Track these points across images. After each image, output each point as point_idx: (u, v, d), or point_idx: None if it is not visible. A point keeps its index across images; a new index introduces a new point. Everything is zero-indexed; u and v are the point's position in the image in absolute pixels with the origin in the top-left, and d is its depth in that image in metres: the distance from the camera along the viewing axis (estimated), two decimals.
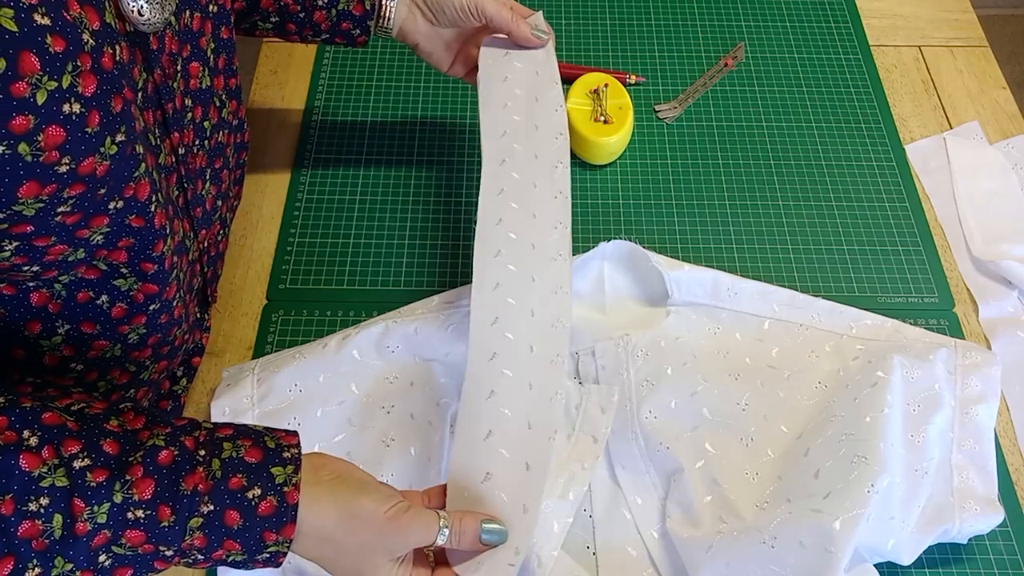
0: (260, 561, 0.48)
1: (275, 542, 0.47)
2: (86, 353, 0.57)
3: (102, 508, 0.43)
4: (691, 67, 0.94)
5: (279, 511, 0.47)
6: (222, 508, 0.46)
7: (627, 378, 0.68)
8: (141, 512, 0.44)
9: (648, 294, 0.74)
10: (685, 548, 0.61)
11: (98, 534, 0.44)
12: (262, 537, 0.47)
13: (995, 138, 0.88)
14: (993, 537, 0.65)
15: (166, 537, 0.45)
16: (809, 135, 0.88)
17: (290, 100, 0.90)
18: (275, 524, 0.47)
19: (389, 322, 0.69)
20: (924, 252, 0.80)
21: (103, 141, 0.45)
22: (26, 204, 0.43)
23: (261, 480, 0.47)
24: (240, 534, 0.46)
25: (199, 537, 0.46)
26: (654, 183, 0.84)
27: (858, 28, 0.97)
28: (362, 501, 0.49)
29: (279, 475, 0.47)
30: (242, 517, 0.46)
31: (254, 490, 0.46)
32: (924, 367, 0.67)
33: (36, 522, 0.42)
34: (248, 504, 0.46)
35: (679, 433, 0.66)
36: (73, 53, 0.41)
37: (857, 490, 0.58)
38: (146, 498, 0.44)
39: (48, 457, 0.43)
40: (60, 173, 0.43)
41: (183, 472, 0.46)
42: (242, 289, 0.77)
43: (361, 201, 0.82)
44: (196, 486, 0.45)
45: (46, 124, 0.41)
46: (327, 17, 0.71)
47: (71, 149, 0.43)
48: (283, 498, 0.47)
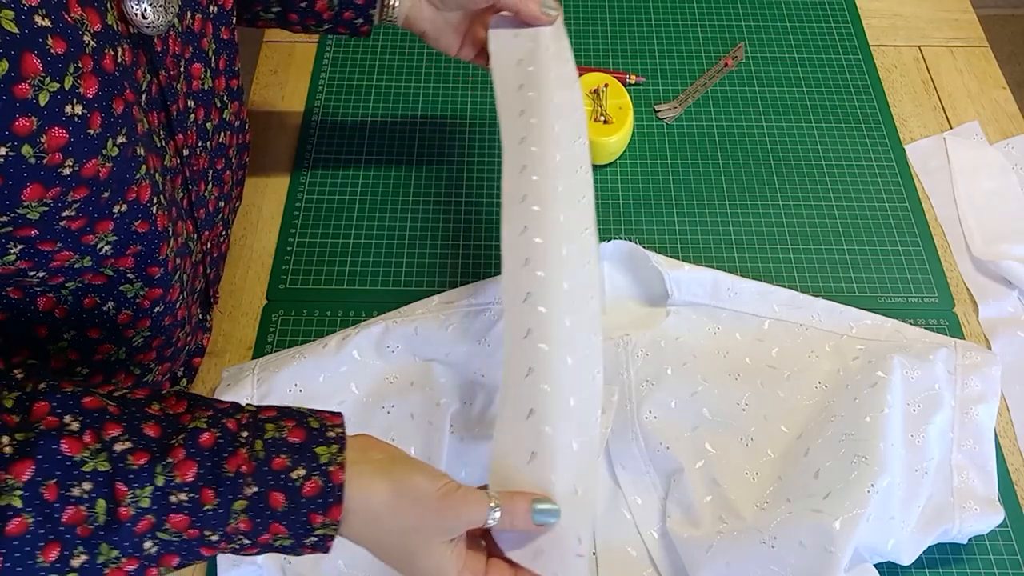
0: (308, 546, 0.46)
1: (322, 524, 0.46)
2: (91, 357, 0.57)
3: (145, 492, 0.43)
4: (691, 67, 0.94)
5: (324, 491, 0.45)
6: (266, 489, 0.45)
7: (627, 378, 0.68)
8: (184, 495, 0.43)
9: (648, 294, 0.74)
10: (685, 548, 0.61)
11: (142, 519, 0.43)
12: (308, 519, 0.45)
13: (995, 138, 0.88)
14: (993, 537, 0.65)
15: (210, 521, 0.44)
16: (809, 135, 0.88)
17: (290, 100, 0.90)
18: (321, 506, 0.45)
19: (389, 322, 0.69)
20: (924, 252, 0.80)
21: (105, 143, 0.45)
22: (30, 207, 0.43)
23: (305, 460, 0.45)
24: (286, 516, 0.45)
25: (244, 520, 0.44)
26: (654, 183, 0.84)
27: (858, 28, 0.97)
28: (415, 478, 0.48)
29: (323, 455, 0.46)
30: (287, 499, 0.45)
31: (298, 470, 0.45)
32: (924, 367, 0.67)
33: (80, 508, 0.42)
34: (293, 485, 0.45)
35: (679, 433, 0.66)
36: (74, 55, 0.41)
37: (857, 490, 0.59)
38: (189, 480, 0.43)
39: (90, 442, 0.43)
40: (64, 176, 0.43)
41: (226, 454, 0.45)
42: (242, 289, 0.77)
43: (361, 201, 0.82)
44: (239, 467, 0.44)
45: (49, 126, 0.41)
46: (329, 6, 0.69)
47: (74, 151, 0.43)
48: (328, 478, 0.45)
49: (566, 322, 0.57)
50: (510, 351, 0.56)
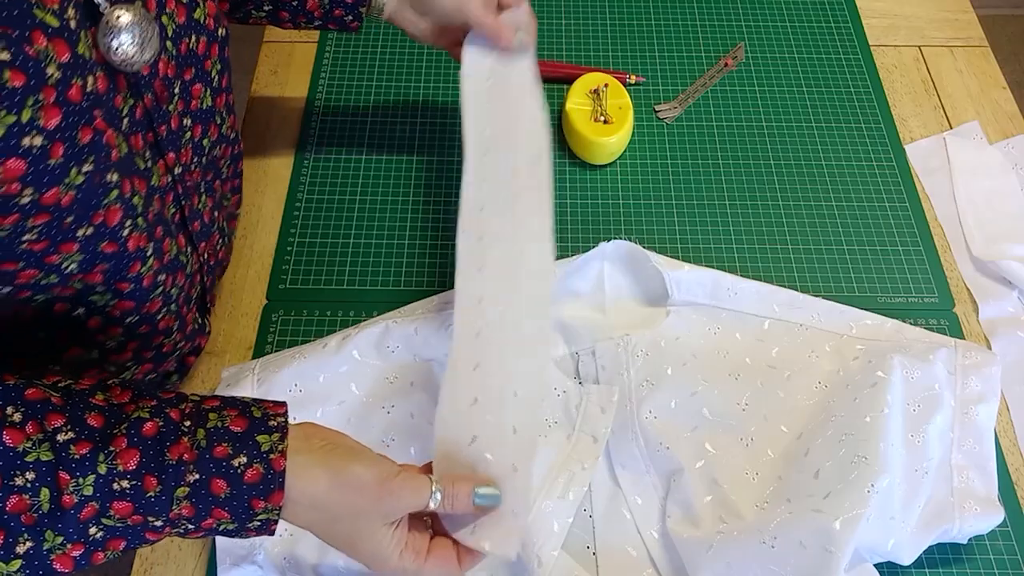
0: (252, 529, 0.48)
1: (264, 510, 0.47)
2: (63, 354, 0.57)
3: (87, 480, 0.43)
4: (691, 67, 0.94)
5: (266, 478, 0.46)
6: (208, 477, 0.45)
7: (627, 378, 0.68)
8: (127, 483, 0.44)
9: (648, 294, 0.74)
10: (685, 548, 0.61)
11: (86, 506, 0.43)
12: (250, 505, 0.46)
13: (995, 138, 0.88)
14: (993, 537, 0.65)
15: (153, 507, 0.45)
16: (809, 135, 0.88)
17: (290, 100, 0.90)
18: (262, 492, 0.46)
19: (389, 322, 0.69)
20: (924, 252, 0.80)
21: (68, 172, 0.44)
22: None
23: (247, 448, 0.46)
24: (228, 502, 0.46)
25: (187, 507, 0.45)
26: (654, 183, 0.84)
27: (858, 28, 0.97)
28: (353, 467, 0.49)
29: (265, 443, 0.47)
30: (229, 485, 0.46)
31: (240, 458, 0.46)
32: (924, 367, 0.67)
33: (24, 496, 0.42)
34: (234, 472, 0.46)
35: (679, 433, 0.66)
36: (35, 87, 0.41)
37: (857, 490, 0.58)
38: (131, 468, 0.44)
39: (32, 432, 0.43)
40: (22, 204, 0.43)
41: (168, 442, 0.45)
42: (242, 289, 0.77)
43: (361, 201, 0.82)
44: (181, 455, 0.45)
45: (5, 157, 0.41)
46: (320, 4, 0.71)
47: (33, 181, 0.43)
48: (269, 465, 0.46)
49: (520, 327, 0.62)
50: (457, 346, 0.60)
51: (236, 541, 0.61)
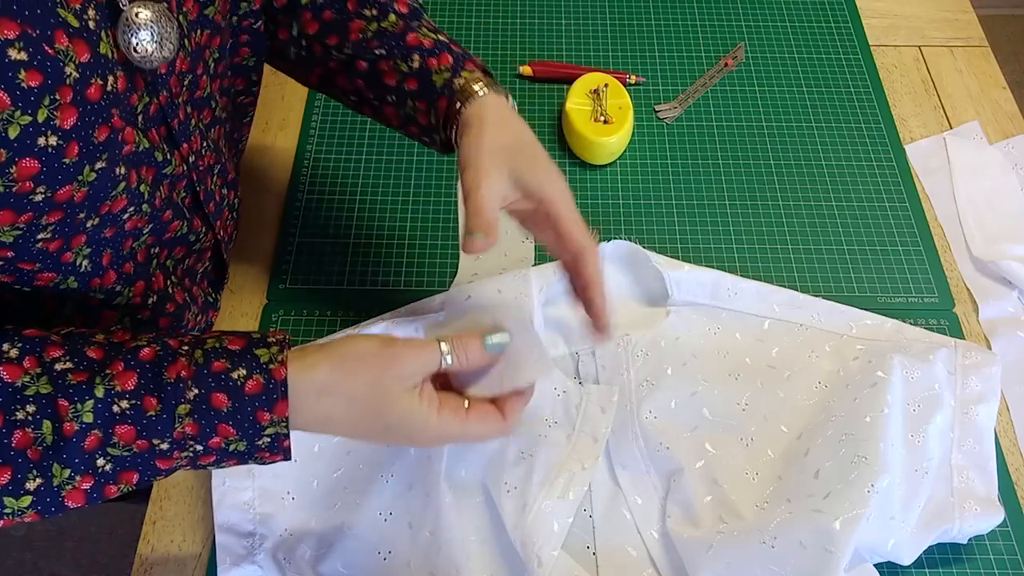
0: (264, 449, 0.47)
1: (271, 422, 0.46)
2: (95, 324, 0.58)
3: (86, 406, 0.43)
4: (691, 67, 0.94)
5: (267, 388, 0.45)
6: (207, 391, 0.45)
7: (627, 378, 0.68)
8: (126, 403, 0.44)
9: (648, 294, 0.74)
10: (685, 548, 0.61)
11: (88, 434, 0.43)
12: (256, 418, 0.46)
13: (995, 138, 0.88)
14: (993, 537, 0.65)
15: (155, 427, 0.44)
16: (809, 135, 0.88)
17: (290, 100, 0.90)
18: (266, 402, 0.45)
19: (389, 322, 0.69)
20: (924, 252, 0.80)
21: (81, 170, 0.45)
22: (3, 231, 0.44)
23: (245, 361, 0.46)
24: (231, 416, 0.45)
25: (189, 423, 0.45)
26: (654, 183, 0.84)
27: (858, 28, 0.97)
28: (350, 343, 0.48)
29: (263, 355, 0.46)
30: (230, 398, 0.45)
31: (239, 371, 0.45)
32: (924, 367, 0.67)
33: (27, 430, 0.42)
34: (234, 384, 0.45)
35: (679, 433, 0.66)
36: (51, 87, 0.41)
37: (857, 490, 0.59)
38: (129, 388, 0.44)
39: (30, 366, 0.43)
40: (36, 201, 0.44)
41: (166, 363, 0.45)
42: (242, 289, 0.77)
43: (361, 201, 0.82)
44: (179, 373, 0.45)
45: (19, 157, 0.41)
46: (397, 115, 0.63)
47: (46, 179, 0.43)
48: (270, 375, 0.46)
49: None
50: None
51: (236, 540, 0.61)
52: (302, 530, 0.62)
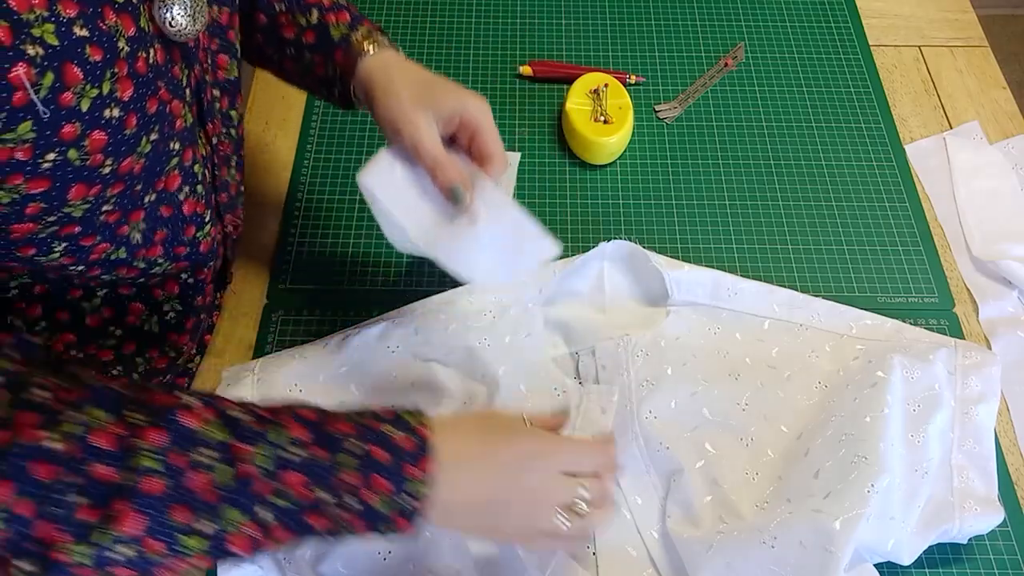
0: (403, 510, 0.47)
1: (414, 478, 0.46)
2: (124, 317, 0.60)
3: (260, 448, 0.44)
4: (691, 67, 0.94)
5: (417, 445, 0.47)
6: (367, 445, 0.46)
7: (627, 378, 0.68)
8: (297, 451, 0.45)
9: (648, 294, 0.74)
10: (685, 548, 0.61)
11: (260, 480, 0.44)
12: (403, 471, 0.46)
13: (995, 138, 0.88)
14: (993, 537, 0.65)
15: (322, 476, 0.45)
16: (809, 135, 0.88)
17: (290, 100, 0.90)
18: (413, 457, 0.47)
19: (389, 322, 0.69)
20: (924, 252, 0.80)
21: (140, 141, 0.47)
22: (75, 206, 0.46)
23: (395, 423, 0.48)
24: (386, 468, 0.46)
25: (352, 474, 0.46)
26: (654, 183, 0.84)
27: (858, 28, 0.97)
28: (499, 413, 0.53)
29: (411, 419, 0.48)
30: (386, 451, 0.46)
31: (391, 428, 0.47)
32: (924, 367, 0.67)
33: (205, 472, 0.43)
34: (389, 440, 0.47)
35: (679, 433, 0.66)
36: (111, 61, 0.43)
37: (857, 490, 0.59)
38: (302, 439, 0.45)
39: (210, 416, 0.44)
40: (104, 174, 0.46)
41: (327, 420, 0.47)
42: (242, 289, 0.77)
43: (361, 201, 0.82)
44: (341, 428, 0.47)
45: (91, 129, 0.44)
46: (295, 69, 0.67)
47: (112, 151, 0.45)
48: (417, 434, 0.48)
49: None
50: None
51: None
52: None
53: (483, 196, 0.59)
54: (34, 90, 0.40)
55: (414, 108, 0.58)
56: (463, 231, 0.59)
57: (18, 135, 0.41)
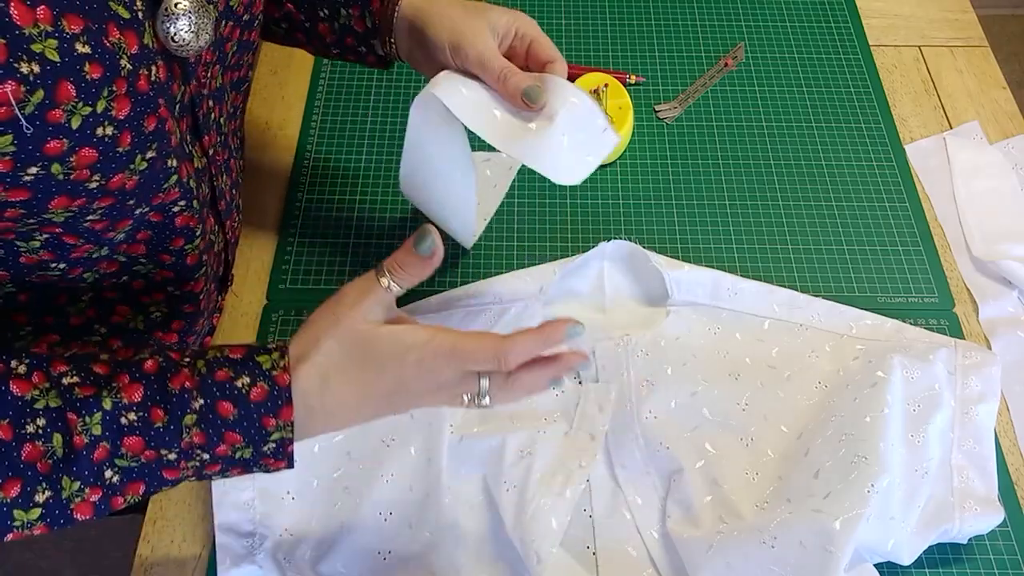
0: (269, 455, 0.47)
1: (276, 427, 0.46)
2: (109, 318, 0.60)
3: (95, 418, 0.44)
4: (691, 67, 0.94)
5: (272, 394, 0.46)
6: (213, 400, 0.45)
7: (627, 378, 0.68)
8: (133, 415, 0.44)
9: (648, 294, 0.75)
10: (685, 548, 0.61)
11: (97, 446, 0.44)
12: (262, 424, 0.46)
13: (995, 138, 0.88)
14: (993, 537, 0.65)
15: (163, 439, 0.45)
16: (809, 135, 0.88)
17: (290, 100, 0.90)
18: (271, 408, 0.46)
19: None
20: (924, 252, 0.80)
21: (133, 159, 0.47)
22: (56, 214, 0.46)
23: (248, 369, 0.46)
24: (238, 423, 0.46)
25: (197, 433, 0.45)
26: (654, 183, 0.84)
27: (858, 28, 0.97)
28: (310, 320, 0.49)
29: (265, 362, 0.47)
30: (236, 406, 0.46)
31: (242, 379, 0.46)
32: (924, 367, 0.67)
33: (37, 443, 0.43)
34: (239, 393, 0.46)
35: (679, 433, 0.66)
36: (110, 79, 0.43)
37: (857, 490, 0.59)
38: (136, 400, 0.45)
39: (39, 381, 0.44)
40: (90, 188, 0.45)
41: (169, 374, 0.46)
42: (242, 289, 0.77)
43: (361, 201, 0.82)
44: (183, 384, 0.45)
45: (79, 147, 0.43)
46: (331, 30, 0.68)
47: (102, 168, 0.45)
48: (273, 381, 0.46)
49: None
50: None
51: (236, 540, 0.61)
52: (302, 530, 0.62)
53: (555, 94, 0.60)
54: (20, 107, 0.40)
55: (473, 24, 0.60)
56: (541, 130, 0.60)
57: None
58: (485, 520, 0.63)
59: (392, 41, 0.65)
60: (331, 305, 0.49)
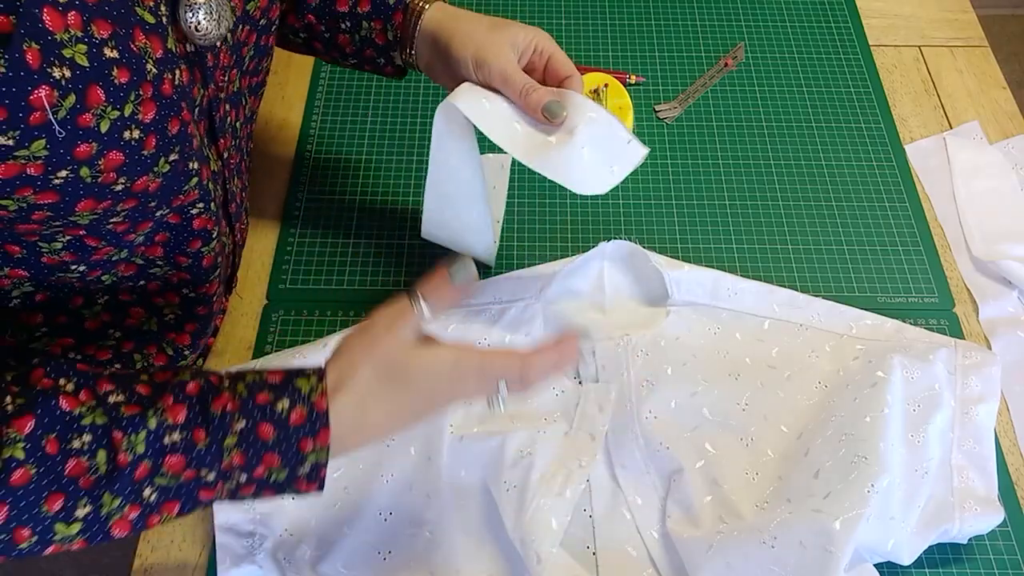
0: (302, 478, 0.48)
1: (313, 450, 0.47)
2: (124, 320, 0.60)
3: (139, 437, 0.44)
4: (691, 67, 0.94)
5: (310, 419, 0.47)
6: (254, 423, 0.46)
7: (627, 378, 0.68)
8: (177, 435, 0.45)
9: (648, 294, 0.74)
10: (685, 548, 0.61)
11: (140, 464, 0.44)
12: (299, 448, 0.47)
13: (995, 138, 0.88)
14: (993, 537, 0.65)
15: (204, 459, 0.45)
16: (809, 135, 0.88)
17: (290, 100, 0.90)
18: (309, 431, 0.47)
19: None
20: (924, 252, 0.80)
21: (157, 161, 0.47)
22: (81, 216, 0.47)
23: (287, 393, 0.47)
24: (277, 446, 0.46)
25: (237, 455, 0.46)
26: (654, 183, 0.84)
27: (858, 28, 0.97)
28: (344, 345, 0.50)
29: (304, 386, 0.48)
30: (275, 429, 0.46)
31: (282, 402, 0.47)
32: (924, 367, 0.67)
33: (81, 459, 0.43)
34: (278, 416, 0.46)
35: (679, 433, 0.66)
36: (136, 83, 0.44)
37: (857, 490, 0.58)
38: (180, 421, 0.45)
39: (86, 399, 0.44)
40: (116, 191, 0.46)
41: (211, 396, 0.46)
42: (242, 289, 0.77)
43: (361, 201, 0.82)
44: (224, 406, 0.46)
45: (108, 150, 0.44)
46: (351, 41, 0.68)
47: (128, 170, 0.46)
48: (312, 406, 0.47)
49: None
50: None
51: (236, 540, 0.61)
52: (302, 530, 0.62)
53: (575, 109, 0.62)
54: (53, 112, 0.40)
55: (496, 41, 0.61)
56: (561, 144, 0.61)
57: (30, 152, 0.41)
58: (485, 520, 0.63)
59: (412, 53, 0.66)
60: (366, 329, 0.50)
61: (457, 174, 0.68)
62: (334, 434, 0.47)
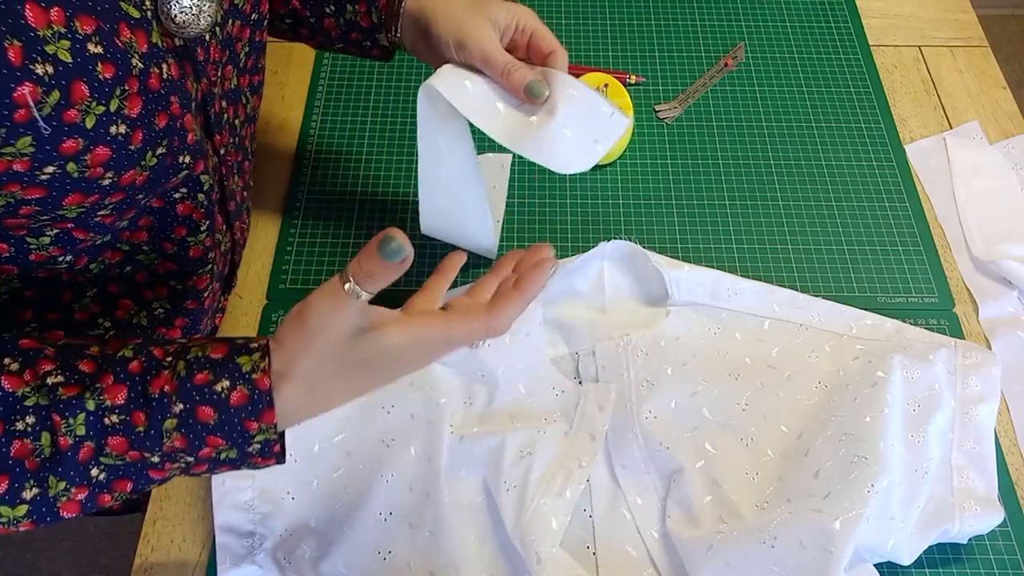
0: (255, 455, 0.46)
1: (259, 430, 0.45)
2: (113, 311, 0.60)
3: (78, 419, 0.43)
4: (691, 67, 0.94)
5: (252, 399, 0.45)
6: (192, 405, 0.45)
7: (627, 378, 0.68)
8: (116, 417, 0.44)
9: (648, 294, 0.74)
10: (685, 548, 0.61)
11: (82, 446, 0.44)
12: (244, 428, 0.45)
13: (995, 138, 0.88)
14: (993, 537, 0.65)
15: (145, 442, 0.44)
16: (809, 135, 0.88)
17: (290, 100, 0.90)
18: (252, 412, 0.45)
19: None
20: (924, 252, 0.80)
21: (144, 155, 0.47)
22: (69, 210, 0.47)
23: (228, 371, 0.45)
24: (219, 428, 0.45)
25: (178, 438, 0.45)
26: (654, 183, 0.84)
27: (858, 28, 0.97)
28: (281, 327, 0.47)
29: (245, 364, 0.45)
30: (216, 411, 0.45)
31: (222, 383, 0.45)
32: (924, 367, 0.67)
33: (26, 441, 0.43)
34: (218, 397, 0.45)
35: (679, 433, 0.66)
36: (122, 78, 0.44)
37: (857, 490, 0.59)
38: (119, 403, 0.44)
39: (30, 379, 0.44)
40: (103, 185, 0.46)
41: (150, 376, 0.45)
42: (242, 289, 0.77)
43: (361, 201, 0.82)
44: (163, 387, 0.44)
45: (94, 145, 0.44)
46: (336, 25, 0.68)
47: (115, 165, 0.46)
48: (254, 385, 0.45)
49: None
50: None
51: (236, 540, 0.61)
52: (302, 530, 0.62)
53: (555, 87, 0.61)
54: (38, 108, 0.40)
55: (476, 21, 0.60)
56: (543, 124, 0.60)
57: (17, 149, 0.41)
58: (485, 520, 0.63)
59: (398, 35, 0.66)
60: (300, 321, 0.47)
61: (446, 157, 0.67)
62: (280, 413, 0.45)
